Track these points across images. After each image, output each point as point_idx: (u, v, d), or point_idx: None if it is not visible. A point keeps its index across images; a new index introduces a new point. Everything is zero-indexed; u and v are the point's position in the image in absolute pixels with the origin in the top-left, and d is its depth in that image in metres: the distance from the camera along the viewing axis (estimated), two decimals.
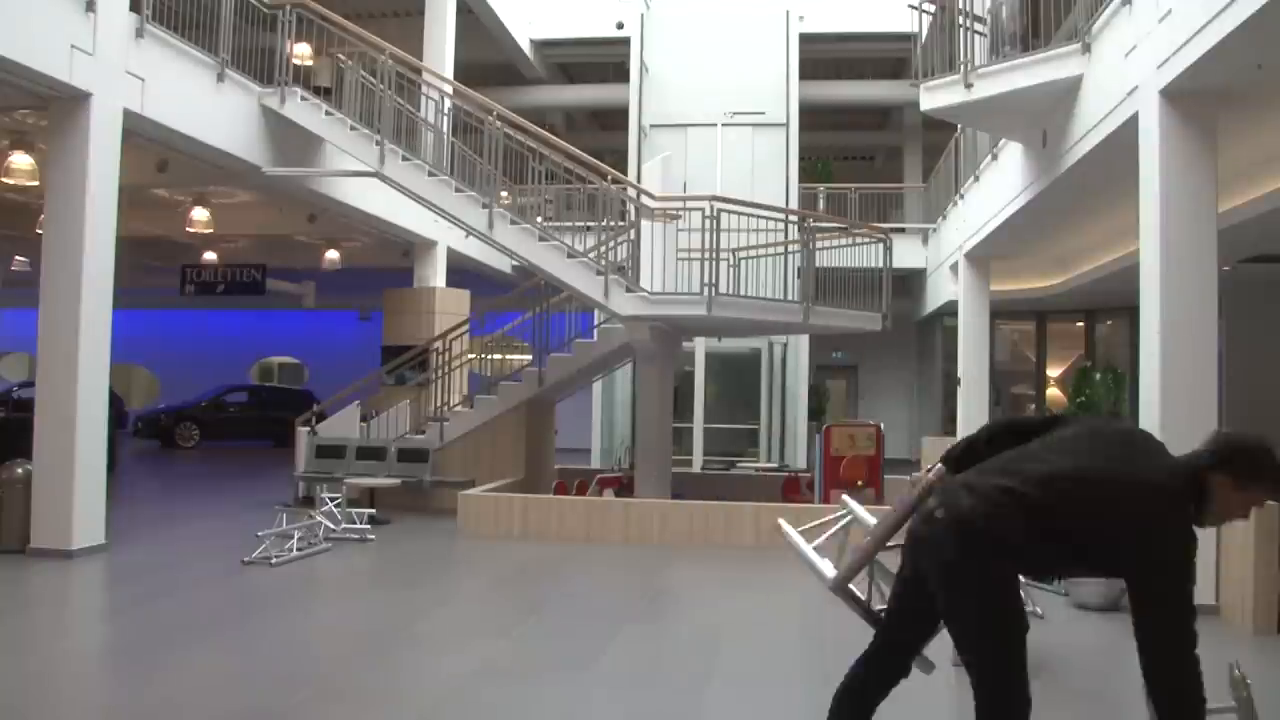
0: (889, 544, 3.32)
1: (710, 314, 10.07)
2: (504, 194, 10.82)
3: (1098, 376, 7.50)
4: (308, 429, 12.05)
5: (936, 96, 9.41)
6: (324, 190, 11.62)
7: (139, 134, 8.80)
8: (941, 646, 5.63)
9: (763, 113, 16.16)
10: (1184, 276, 6.86)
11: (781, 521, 3.78)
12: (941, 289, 16.60)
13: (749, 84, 16.17)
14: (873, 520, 3.50)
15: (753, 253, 11.66)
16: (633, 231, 10.75)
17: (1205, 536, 6.94)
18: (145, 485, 14.54)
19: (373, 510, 9.75)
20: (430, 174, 10.37)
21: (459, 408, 12.32)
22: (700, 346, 15.45)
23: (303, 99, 10.33)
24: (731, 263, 11.33)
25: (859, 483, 10.76)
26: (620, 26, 17.23)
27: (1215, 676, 5.64)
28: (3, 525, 8.07)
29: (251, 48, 10.12)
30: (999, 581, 2.91)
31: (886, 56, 19.01)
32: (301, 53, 11.33)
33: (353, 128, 10.21)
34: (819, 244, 11.31)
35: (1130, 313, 8.46)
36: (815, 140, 20.03)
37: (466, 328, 13.39)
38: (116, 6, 8.18)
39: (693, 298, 10.18)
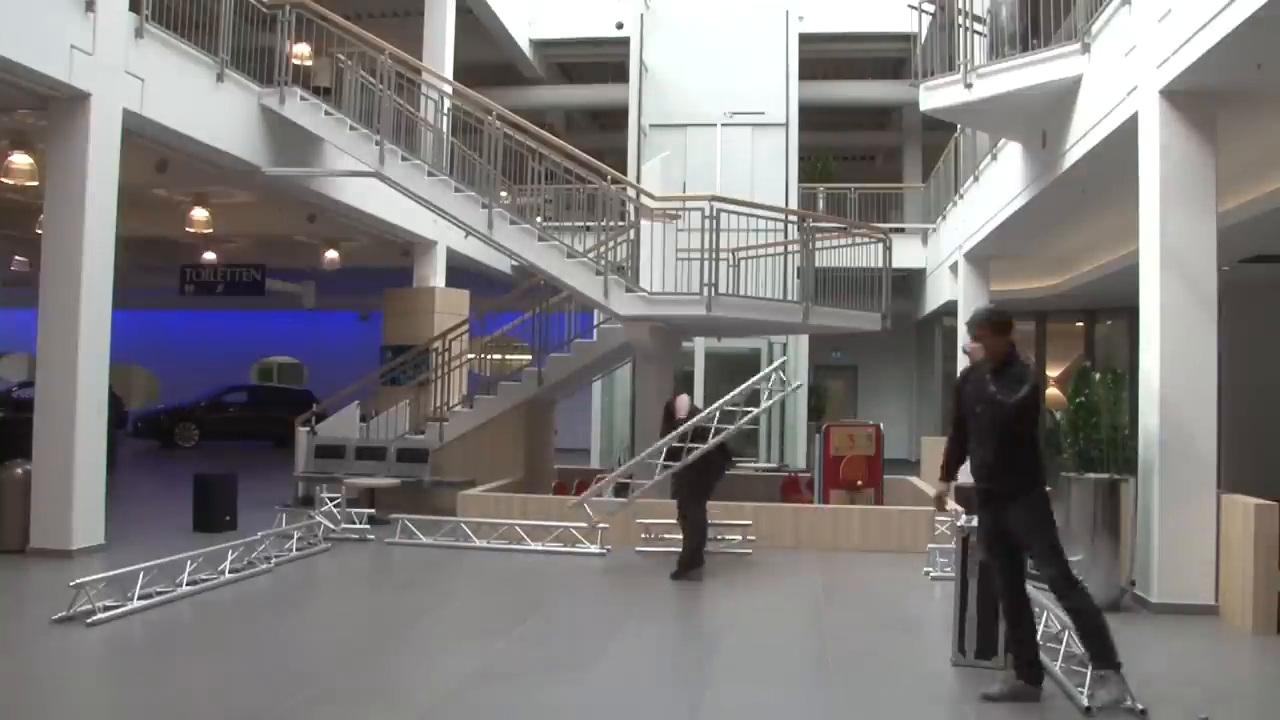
0: None
1: (710, 314, 10.07)
2: (504, 194, 10.82)
3: (1097, 376, 7.49)
4: (307, 429, 12.05)
5: (936, 96, 9.42)
6: (324, 190, 11.61)
7: (139, 134, 8.80)
8: (942, 647, 5.63)
9: (763, 113, 16.16)
10: (1184, 276, 6.87)
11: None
12: (941, 289, 16.60)
13: (749, 84, 16.16)
14: None
15: (752, 253, 11.66)
16: (632, 231, 10.75)
17: (1204, 537, 6.96)
18: (145, 485, 14.53)
19: (372, 510, 9.75)
20: (430, 174, 10.37)
21: (459, 408, 12.32)
22: (700, 346, 15.45)
23: (302, 99, 10.32)
24: (731, 263, 11.33)
25: (859, 482, 10.76)
26: (620, 26, 17.23)
27: (1214, 680, 5.64)
28: (3, 525, 8.07)
29: (251, 48, 10.12)
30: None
31: (886, 56, 19.01)
32: (301, 53, 11.33)
33: (352, 128, 10.21)
34: (819, 244, 11.31)
35: (1130, 313, 8.45)
36: (815, 140, 20.03)
37: (466, 328, 13.39)
38: (116, 6, 8.18)
39: (692, 298, 10.18)
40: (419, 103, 11.87)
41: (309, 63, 11.70)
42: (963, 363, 14.02)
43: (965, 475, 5.25)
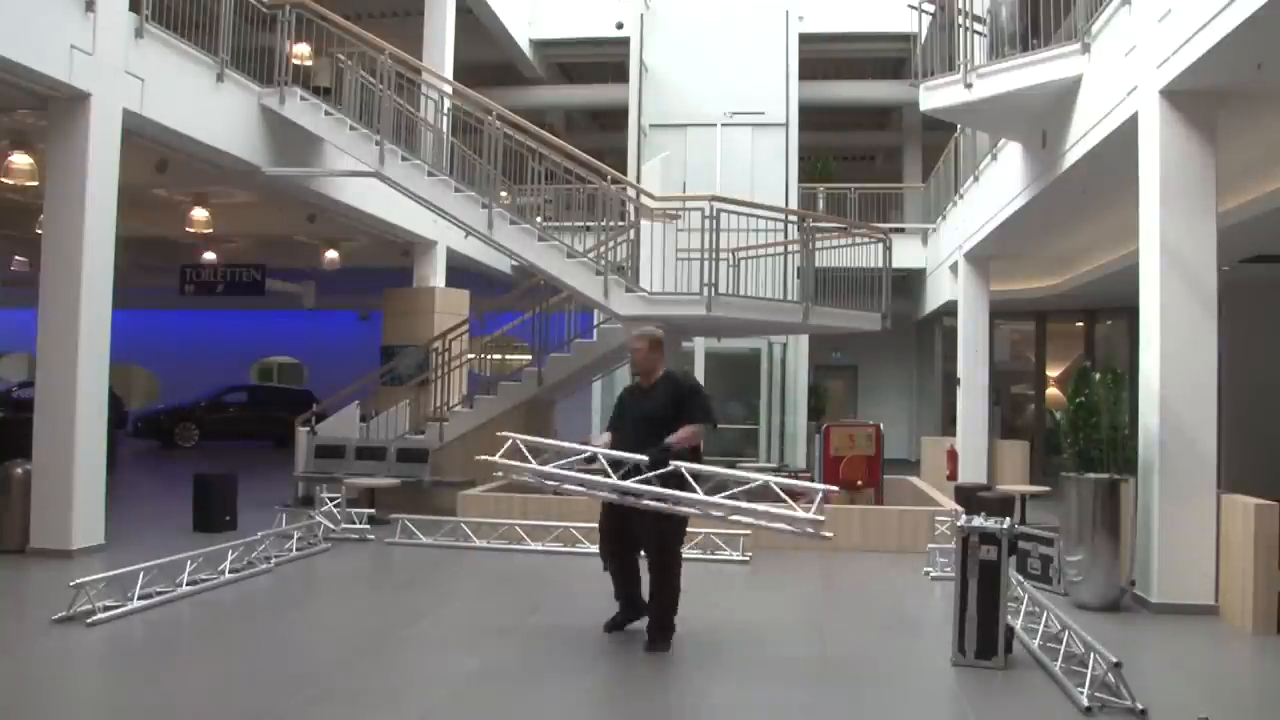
0: None
1: (710, 314, 10.07)
2: (503, 194, 10.83)
3: (1097, 376, 7.49)
4: (307, 429, 12.05)
5: (936, 96, 9.42)
6: (324, 190, 11.62)
7: (139, 134, 8.80)
8: (942, 647, 5.62)
9: (763, 113, 16.15)
10: (1184, 276, 6.87)
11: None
12: (941, 289, 16.61)
13: (749, 84, 16.16)
14: None
15: (752, 253, 11.66)
16: (632, 231, 10.75)
17: (1204, 537, 6.95)
18: (145, 485, 14.54)
19: (372, 510, 9.75)
20: (430, 174, 10.37)
21: (459, 408, 12.32)
22: (700, 346, 15.45)
23: (302, 99, 10.33)
24: (731, 263, 11.34)
25: (859, 483, 10.76)
26: (620, 26, 17.23)
27: (1214, 680, 5.63)
28: (3, 525, 8.07)
29: (251, 48, 10.12)
30: None
31: (886, 56, 19.01)
32: (301, 53, 11.33)
33: (352, 128, 10.21)
34: (819, 244, 11.31)
35: (1130, 313, 8.46)
36: (815, 140, 20.03)
37: (466, 328, 13.39)
38: (116, 6, 8.18)
39: (692, 298, 10.19)
40: (419, 103, 11.87)
41: (309, 63, 11.70)
42: (970, 361, 13.94)
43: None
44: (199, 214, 12.94)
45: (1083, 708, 4.65)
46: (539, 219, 11.17)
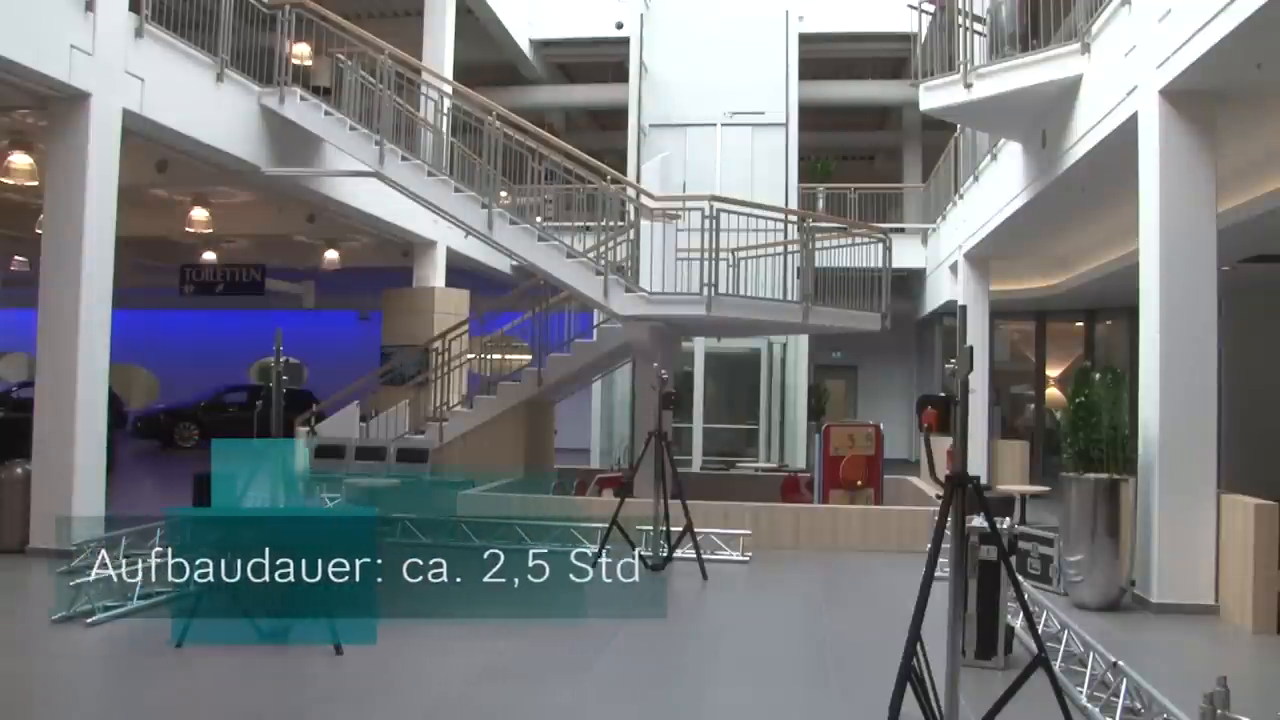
0: None
1: (710, 314, 10.07)
2: (503, 194, 10.83)
3: (1097, 376, 7.50)
4: (307, 429, 12.04)
5: (936, 96, 9.42)
6: (324, 190, 11.61)
7: (139, 134, 8.79)
8: (942, 647, 5.62)
9: (762, 113, 16.15)
10: (1184, 276, 6.87)
11: None
12: (941, 289, 16.60)
13: (749, 84, 16.16)
14: None
15: (752, 253, 11.67)
16: (632, 231, 10.75)
17: (1204, 537, 6.96)
18: (145, 485, 14.53)
19: (374, 509, 9.73)
20: (430, 174, 10.37)
21: (458, 408, 12.31)
22: (700, 346, 15.45)
23: (302, 99, 10.32)
24: (731, 263, 11.34)
25: (858, 483, 10.76)
26: (620, 26, 17.22)
27: (1214, 680, 5.63)
28: (2, 525, 8.07)
29: (251, 48, 10.12)
30: None
31: (886, 56, 19.00)
32: (301, 52, 11.32)
33: (352, 128, 10.21)
34: (818, 244, 11.32)
35: (1130, 313, 8.46)
36: (815, 140, 20.03)
37: (466, 328, 13.39)
38: (116, 6, 8.18)
39: (692, 298, 10.19)
40: (419, 103, 11.87)
41: (309, 63, 11.69)
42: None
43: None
44: (199, 214, 12.94)
45: (1080, 706, 4.65)
46: (539, 219, 11.17)
